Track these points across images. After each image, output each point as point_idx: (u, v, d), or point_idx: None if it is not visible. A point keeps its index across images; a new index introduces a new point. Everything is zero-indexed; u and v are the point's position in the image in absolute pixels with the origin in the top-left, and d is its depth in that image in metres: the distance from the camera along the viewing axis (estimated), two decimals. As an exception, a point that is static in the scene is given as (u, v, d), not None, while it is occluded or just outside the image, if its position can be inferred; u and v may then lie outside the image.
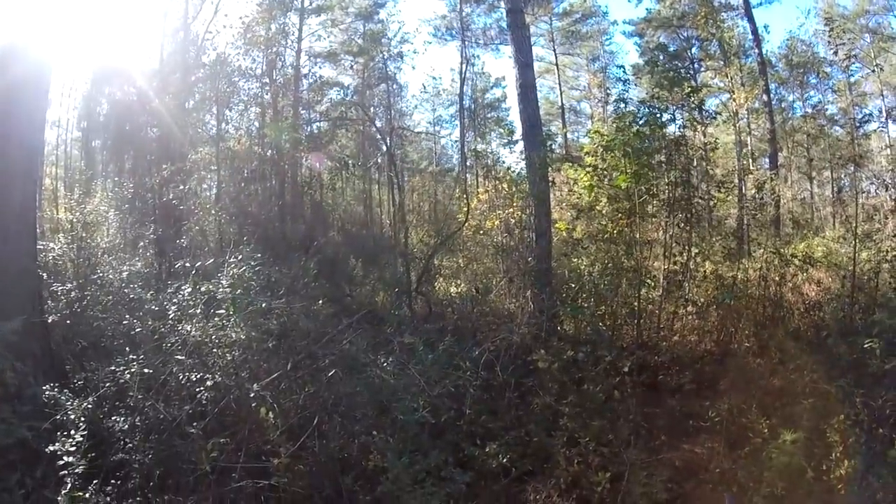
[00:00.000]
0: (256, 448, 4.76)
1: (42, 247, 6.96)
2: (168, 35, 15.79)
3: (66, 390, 4.47)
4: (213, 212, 11.85)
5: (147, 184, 12.17)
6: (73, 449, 4.03)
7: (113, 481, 4.18)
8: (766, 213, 10.52)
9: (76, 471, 3.97)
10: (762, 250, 9.49)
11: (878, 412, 5.24)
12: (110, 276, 7.11)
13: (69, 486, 3.92)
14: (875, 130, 16.59)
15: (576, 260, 9.59)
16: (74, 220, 9.23)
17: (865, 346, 6.12)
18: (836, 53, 10.81)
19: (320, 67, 23.60)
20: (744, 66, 20.03)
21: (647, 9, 24.99)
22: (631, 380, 6.63)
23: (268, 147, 15.56)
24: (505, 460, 5.37)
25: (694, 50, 22.71)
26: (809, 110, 22.17)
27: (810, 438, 5.13)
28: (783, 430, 5.16)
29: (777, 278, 9.13)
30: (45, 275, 6.52)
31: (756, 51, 19.83)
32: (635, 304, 8.63)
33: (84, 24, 13.98)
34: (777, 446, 5.09)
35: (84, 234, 8.38)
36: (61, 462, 4.00)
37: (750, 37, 20.06)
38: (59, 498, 3.93)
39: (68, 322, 6.32)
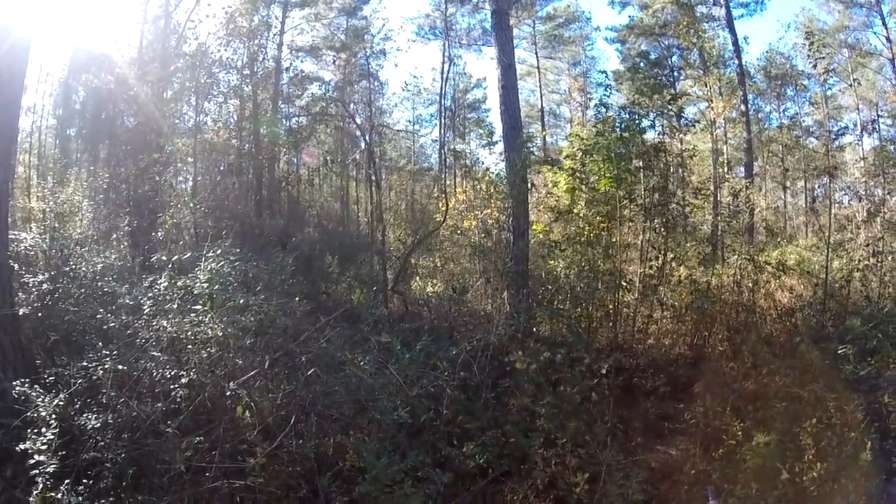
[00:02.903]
0: (232, 447, 4.70)
1: (13, 237, 6.76)
2: (149, 22, 15.47)
3: (36, 386, 4.36)
4: (189, 205, 11.68)
5: (122, 174, 11.95)
6: (44, 447, 3.93)
7: (85, 481, 4.09)
8: (740, 220, 10.69)
9: (47, 470, 3.87)
10: (736, 257, 9.65)
11: (850, 416, 5.36)
12: (83, 269, 6.92)
13: (40, 485, 3.83)
14: (850, 143, 16.98)
15: (553, 262, 9.64)
16: (47, 209, 9.03)
17: (839, 352, 6.27)
18: (814, 67, 11.05)
19: (302, 61, 23.46)
20: (723, 76, 20.28)
21: (629, 16, 25.24)
22: (607, 382, 6.70)
23: (246, 140, 15.40)
24: (482, 461, 5.39)
25: (674, 58, 22.98)
26: (786, 121, 22.62)
27: (783, 441, 5.24)
28: (756, 433, 5.26)
29: (750, 284, 9.30)
30: (16, 266, 6.33)
31: (736, 61, 20.15)
32: (611, 306, 8.72)
33: (62, 7, 13.71)
34: (751, 448, 5.18)
35: (57, 225, 8.20)
36: (32, 461, 3.91)
37: (730, 47, 20.39)
38: (30, 498, 3.84)
39: (39, 315, 6.15)
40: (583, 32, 28.67)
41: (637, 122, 9.07)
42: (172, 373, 4.84)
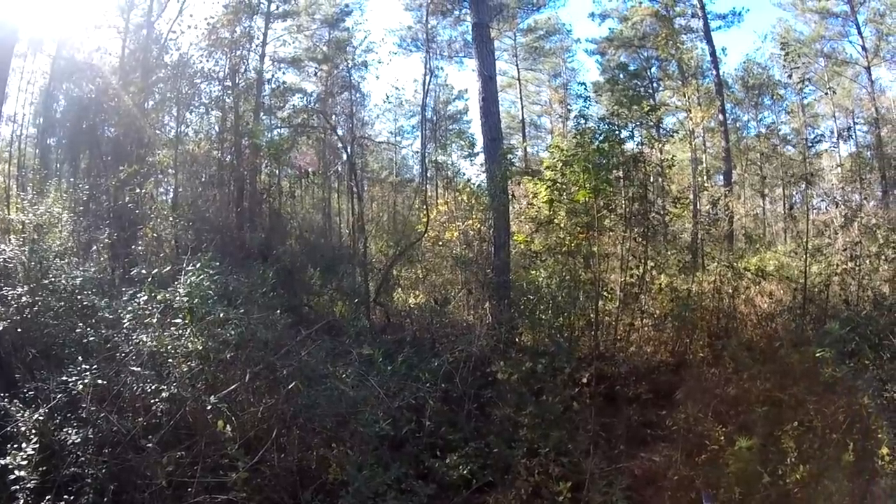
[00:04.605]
0: (213, 462, 4.68)
1: (-8, 248, 6.70)
2: (131, 32, 15.33)
3: (15, 400, 4.32)
4: (170, 217, 11.58)
5: (103, 185, 11.84)
6: (24, 462, 3.90)
7: (66, 496, 4.06)
8: (719, 228, 10.83)
9: (28, 486, 3.85)
10: (716, 264, 9.76)
11: (830, 418, 5.43)
12: (63, 282, 6.83)
13: (21, 501, 3.80)
14: (826, 150, 17.22)
15: (534, 272, 9.69)
16: (26, 221, 8.93)
17: (818, 355, 6.34)
18: (790, 76, 11.17)
19: (284, 73, 23.27)
20: (701, 87, 20.61)
21: (609, 28, 25.38)
22: (589, 390, 6.75)
23: (227, 152, 15.29)
24: (466, 472, 5.42)
25: (653, 69, 23.18)
26: (763, 130, 22.97)
27: (765, 445, 5.31)
28: (738, 438, 5.33)
29: (730, 291, 9.41)
30: (-6, 278, 6.28)
31: (713, 72, 20.41)
32: (593, 315, 8.76)
33: (44, 14, 13.61)
34: (733, 453, 5.24)
35: (36, 237, 8.11)
36: (12, 476, 3.87)
37: (708, 58, 20.66)
38: (10, 514, 3.81)
39: (18, 329, 6.07)
40: (563, 44, 28.83)
41: (616, 132, 9.17)
42: (153, 387, 4.80)
